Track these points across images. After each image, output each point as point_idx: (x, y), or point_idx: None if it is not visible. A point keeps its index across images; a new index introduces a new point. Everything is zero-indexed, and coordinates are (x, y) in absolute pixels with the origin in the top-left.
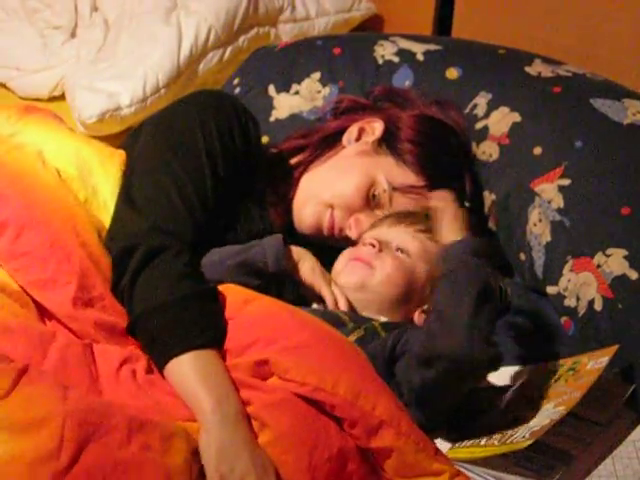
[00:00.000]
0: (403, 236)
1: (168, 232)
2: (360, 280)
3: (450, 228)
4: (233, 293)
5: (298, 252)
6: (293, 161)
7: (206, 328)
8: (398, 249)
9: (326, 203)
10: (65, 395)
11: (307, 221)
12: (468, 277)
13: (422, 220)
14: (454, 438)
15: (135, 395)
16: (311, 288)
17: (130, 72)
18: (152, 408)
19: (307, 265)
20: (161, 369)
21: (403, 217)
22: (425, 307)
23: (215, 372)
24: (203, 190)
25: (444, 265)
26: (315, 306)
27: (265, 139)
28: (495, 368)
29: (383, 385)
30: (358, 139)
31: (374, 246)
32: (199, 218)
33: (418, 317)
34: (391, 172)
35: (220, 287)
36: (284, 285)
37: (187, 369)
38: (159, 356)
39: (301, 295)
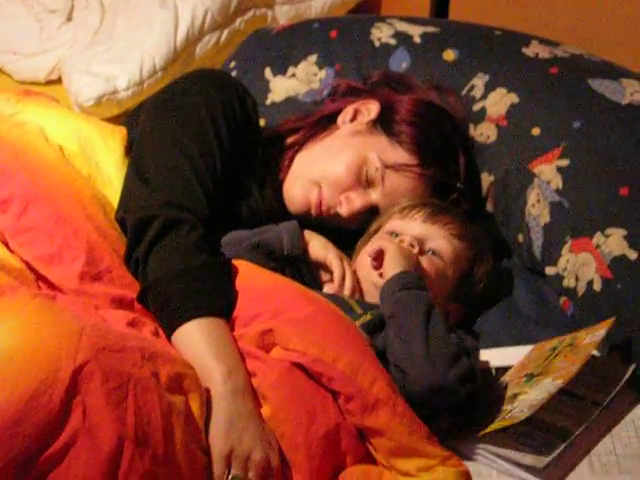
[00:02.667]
0: (438, 239)
1: (183, 207)
2: None
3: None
4: (244, 267)
5: (310, 234)
6: (288, 141)
7: (218, 297)
8: (432, 252)
9: (314, 181)
10: (82, 317)
11: (296, 199)
12: (407, 312)
13: (456, 221)
14: (455, 420)
15: None
16: (322, 264)
17: (127, 55)
18: None
19: (319, 242)
20: (170, 335)
21: (437, 214)
22: (445, 306)
23: (225, 342)
24: (213, 165)
25: (383, 308)
26: (326, 290)
27: (262, 122)
28: (471, 380)
29: (381, 368)
30: (353, 120)
31: (413, 247)
32: (211, 193)
33: None
34: (384, 151)
35: (233, 261)
36: (299, 270)
37: (197, 336)
38: (169, 322)
39: (314, 279)
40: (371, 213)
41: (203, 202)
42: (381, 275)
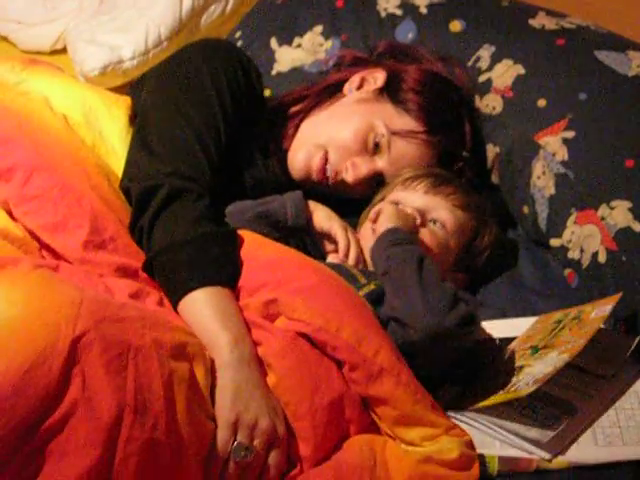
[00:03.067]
0: (441, 210)
1: (188, 177)
2: None
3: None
4: (249, 238)
5: (314, 204)
6: (293, 110)
7: (223, 267)
8: (435, 221)
9: (319, 145)
10: (83, 288)
11: (298, 165)
12: (400, 266)
13: (459, 192)
14: (458, 390)
15: None
16: (327, 234)
17: (132, 25)
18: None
19: (323, 212)
20: (175, 304)
21: (439, 185)
22: (449, 275)
23: (230, 311)
24: (217, 135)
25: (375, 268)
26: (330, 260)
27: (267, 92)
28: (470, 323)
29: (385, 336)
30: (359, 88)
31: (415, 218)
32: (216, 163)
33: None
34: (391, 118)
35: (238, 231)
36: (302, 240)
37: (202, 305)
38: (175, 290)
39: (318, 250)
40: (377, 182)
41: (207, 172)
42: None
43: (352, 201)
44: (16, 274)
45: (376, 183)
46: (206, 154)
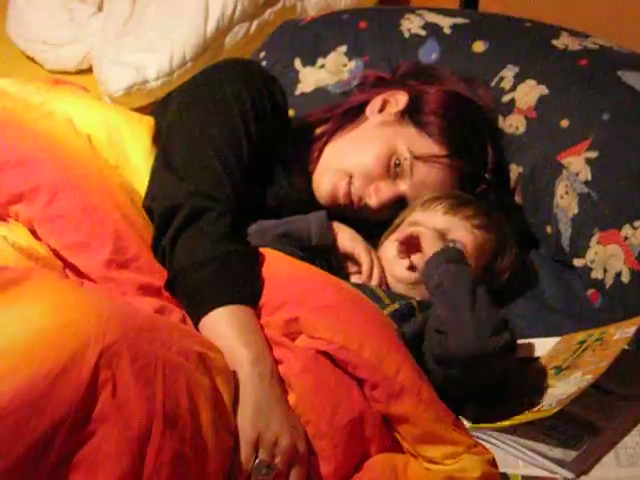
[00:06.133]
0: (460, 231)
1: (210, 196)
2: (416, 279)
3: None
4: (271, 256)
5: (338, 225)
6: (317, 132)
7: (245, 285)
8: (455, 241)
9: (345, 171)
10: (110, 299)
11: (324, 190)
12: (455, 282)
13: (478, 213)
14: (481, 410)
15: None
16: (350, 255)
17: (157, 45)
18: None
19: (347, 234)
20: (197, 322)
21: (458, 206)
22: None
23: (252, 329)
24: (240, 155)
25: (428, 280)
26: (354, 280)
27: (291, 112)
28: (511, 351)
29: (407, 354)
30: (381, 110)
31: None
32: (238, 183)
33: None
34: (413, 141)
35: (260, 250)
36: (327, 260)
37: (224, 324)
38: (196, 309)
39: (342, 270)
40: (399, 205)
41: (230, 192)
42: (410, 267)
43: (371, 222)
44: (44, 284)
45: (398, 206)
46: (228, 173)
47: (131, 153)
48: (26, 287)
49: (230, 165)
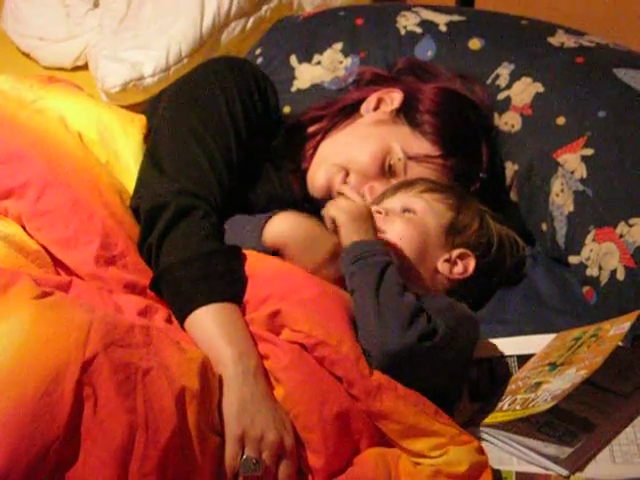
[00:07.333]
0: (405, 198)
1: (196, 195)
2: None
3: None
4: (254, 254)
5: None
6: (311, 129)
7: (230, 283)
8: (404, 210)
9: (340, 166)
10: (92, 310)
11: (319, 182)
12: (360, 282)
13: (420, 184)
14: (475, 407)
15: None
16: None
17: (153, 42)
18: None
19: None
20: (182, 321)
21: (399, 185)
22: (447, 256)
23: (237, 326)
24: (228, 154)
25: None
26: None
27: (287, 109)
28: (432, 338)
29: None
30: (376, 108)
31: (380, 213)
32: (226, 182)
33: (442, 266)
34: (407, 141)
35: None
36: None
37: (209, 321)
38: (182, 307)
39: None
40: None
41: (217, 191)
42: None
43: None
44: (21, 300)
45: None
46: (215, 173)
47: (122, 152)
48: (9, 296)
49: (217, 164)
